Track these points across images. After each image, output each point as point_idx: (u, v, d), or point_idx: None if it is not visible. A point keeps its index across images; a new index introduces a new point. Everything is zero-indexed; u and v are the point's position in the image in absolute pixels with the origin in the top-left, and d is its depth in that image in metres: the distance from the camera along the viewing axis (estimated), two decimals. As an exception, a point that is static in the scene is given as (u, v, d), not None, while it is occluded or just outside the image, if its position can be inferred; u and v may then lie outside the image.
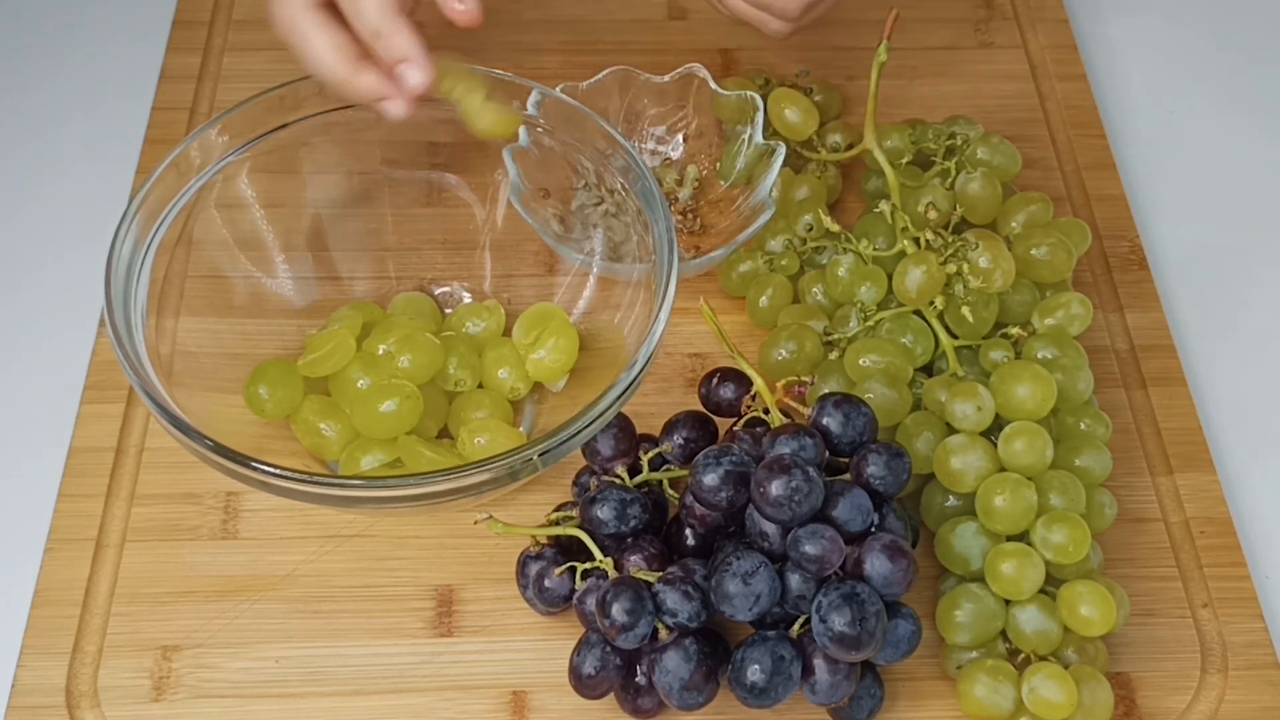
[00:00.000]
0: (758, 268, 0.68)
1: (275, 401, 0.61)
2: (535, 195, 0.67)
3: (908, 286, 0.61)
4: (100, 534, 0.61)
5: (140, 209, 0.58)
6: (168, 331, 0.59)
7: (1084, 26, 0.85)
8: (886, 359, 0.61)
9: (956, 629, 0.56)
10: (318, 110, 0.63)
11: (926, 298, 0.62)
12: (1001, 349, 0.61)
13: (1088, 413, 0.60)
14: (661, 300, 0.56)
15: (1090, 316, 0.63)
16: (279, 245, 0.65)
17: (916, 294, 0.61)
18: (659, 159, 0.74)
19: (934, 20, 0.83)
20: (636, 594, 0.53)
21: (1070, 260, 0.64)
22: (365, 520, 0.62)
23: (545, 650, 0.58)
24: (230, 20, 0.81)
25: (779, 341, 0.64)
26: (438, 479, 0.52)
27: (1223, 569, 0.62)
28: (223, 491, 0.62)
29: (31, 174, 0.76)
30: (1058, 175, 0.76)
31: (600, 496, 0.56)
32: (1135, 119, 0.81)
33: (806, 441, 0.55)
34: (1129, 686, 0.58)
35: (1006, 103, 0.79)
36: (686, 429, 0.60)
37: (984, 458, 0.57)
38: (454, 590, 0.60)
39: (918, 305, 0.62)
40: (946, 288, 0.62)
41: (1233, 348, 0.71)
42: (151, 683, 0.57)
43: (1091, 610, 0.54)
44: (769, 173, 0.69)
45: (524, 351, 0.64)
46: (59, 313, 0.69)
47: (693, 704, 0.54)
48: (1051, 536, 0.56)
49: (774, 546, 0.54)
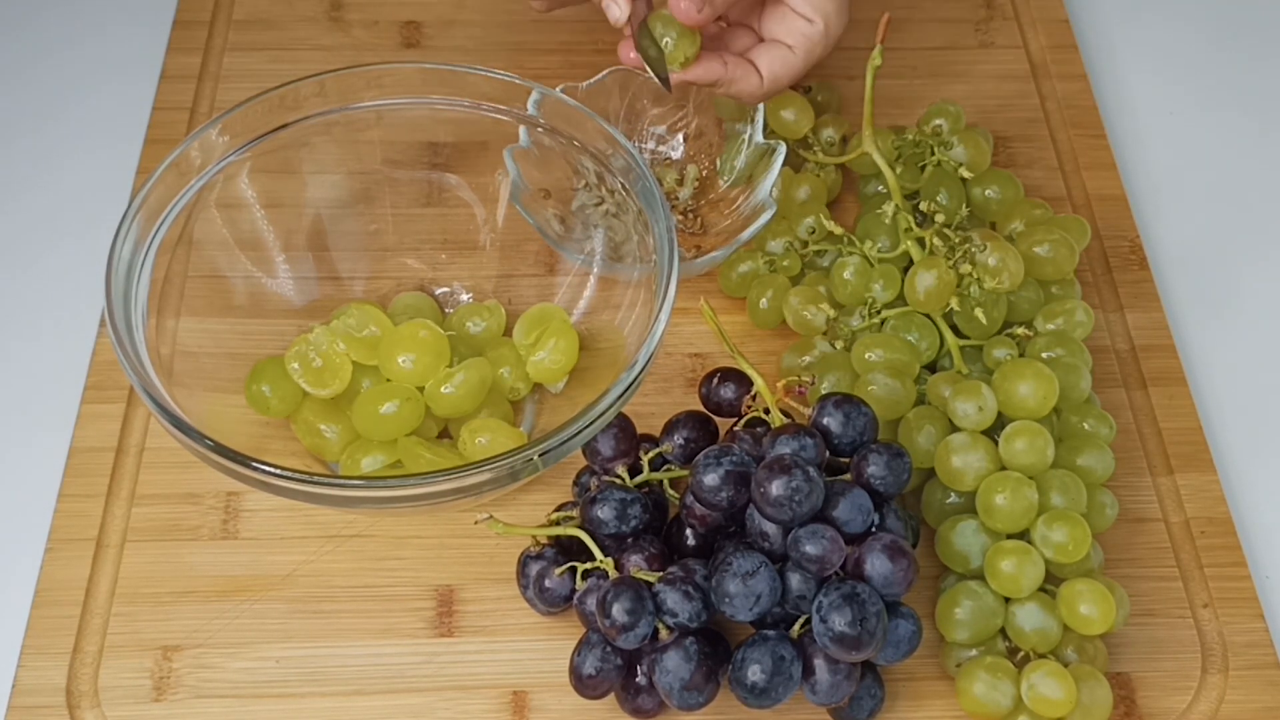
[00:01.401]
0: (758, 268, 0.68)
1: (279, 398, 0.61)
2: (536, 196, 0.67)
3: (918, 292, 0.61)
4: (100, 534, 0.61)
5: (140, 209, 0.58)
6: (168, 331, 0.59)
7: (1084, 26, 0.85)
8: (892, 354, 0.61)
9: (956, 626, 0.56)
10: (318, 110, 0.63)
11: (938, 303, 0.62)
12: (1005, 347, 0.61)
13: (1091, 412, 0.60)
14: (661, 300, 0.56)
15: (1092, 324, 0.63)
16: (279, 245, 0.65)
17: (925, 298, 0.61)
18: (659, 159, 0.74)
19: (934, 20, 0.83)
20: (637, 594, 0.53)
21: (1073, 257, 0.64)
22: (365, 520, 0.62)
23: (545, 650, 0.58)
24: (230, 20, 0.81)
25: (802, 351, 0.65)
26: (438, 479, 0.52)
27: (1223, 569, 0.62)
28: (223, 491, 0.62)
29: (32, 174, 0.76)
30: (1058, 175, 0.76)
31: (601, 496, 0.56)
32: (1135, 119, 0.81)
33: (807, 441, 0.55)
34: (1129, 686, 0.58)
35: (1006, 103, 0.79)
36: (687, 429, 0.60)
37: (984, 457, 0.57)
38: (454, 590, 0.60)
39: (928, 310, 0.62)
40: (958, 288, 0.62)
41: (1233, 348, 0.71)
42: (152, 683, 0.57)
43: (1091, 609, 0.54)
44: (769, 172, 0.69)
45: (524, 353, 0.64)
46: (59, 313, 0.69)
47: (693, 704, 0.54)
48: (1052, 535, 0.56)
49: (774, 546, 0.54)
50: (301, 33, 0.81)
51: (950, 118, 0.70)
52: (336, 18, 0.81)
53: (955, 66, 0.81)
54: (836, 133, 0.72)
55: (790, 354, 0.65)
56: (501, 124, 0.64)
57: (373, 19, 0.82)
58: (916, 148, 0.69)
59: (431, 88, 0.63)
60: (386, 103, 0.64)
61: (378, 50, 0.80)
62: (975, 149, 0.69)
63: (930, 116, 0.70)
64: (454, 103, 0.64)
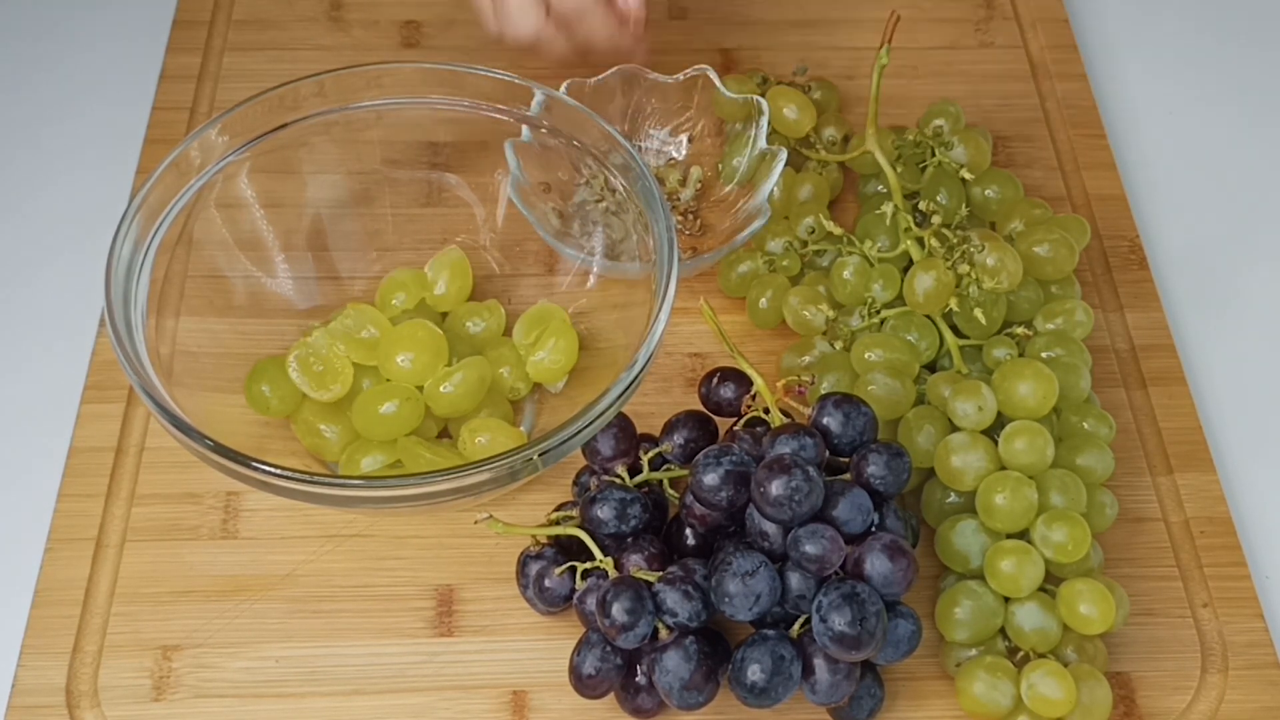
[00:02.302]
0: (757, 268, 0.68)
1: (279, 399, 0.61)
2: (535, 190, 0.67)
3: (917, 294, 0.61)
4: (100, 534, 0.61)
5: (140, 209, 0.58)
6: (168, 331, 0.59)
7: (1084, 26, 0.85)
8: (892, 354, 0.61)
9: (956, 626, 0.56)
10: (317, 110, 0.63)
11: (937, 304, 0.62)
12: (1005, 347, 0.61)
13: (1091, 412, 0.60)
14: (661, 300, 0.56)
15: (1091, 324, 0.63)
16: (279, 245, 0.65)
17: (925, 299, 0.61)
18: (663, 159, 0.74)
19: (934, 20, 0.83)
20: (636, 594, 0.53)
21: (1072, 256, 0.64)
22: (365, 520, 0.62)
23: (545, 650, 0.58)
24: (230, 20, 0.81)
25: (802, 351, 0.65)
26: (438, 479, 0.52)
27: (1223, 569, 0.62)
28: (223, 491, 0.62)
29: (31, 174, 0.76)
30: (1058, 175, 0.76)
31: (600, 496, 0.56)
32: (1135, 119, 0.81)
33: (806, 441, 0.55)
34: (1129, 686, 0.58)
35: (1006, 103, 0.79)
36: (686, 429, 0.60)
37: (984, 457, 0.57)
38: (454, 590, 0.60)
39: (927, 311, 0.62)
40: (957, 289, 0.62)
41: (1233, 348, 0.71)
42: (151, 683, 0.57)
43: (1091, 608, 0.54)
44: (770, 176, 0.69)
45: (524, 353, 0.64)
46: (59, 313, 0.69)
47: (693, 704, 0.54)
48: (1052, 535, 0.56)
49: (774, 546, 0.54)
50: (301, 33, 0.81)
51: (950, 118, 0.70)
52: (336, 18, 0.81)
53: (955, 66, 0.81)
54: (838, 132, 0.72)
55: (790, 354, 0.65)
56: (501, 124, 0.64)
57: (373, 19, 0.82)
58: (917, 148, 0.70)
59: (431, 88, 0.63)
60: (386, 102, 0.64)
61: (377, 50, 0.80)
62: (975, 149, 0.69)
63: (930, 117, 0.70)
64: (454, 102, 0.64)
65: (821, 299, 0.65)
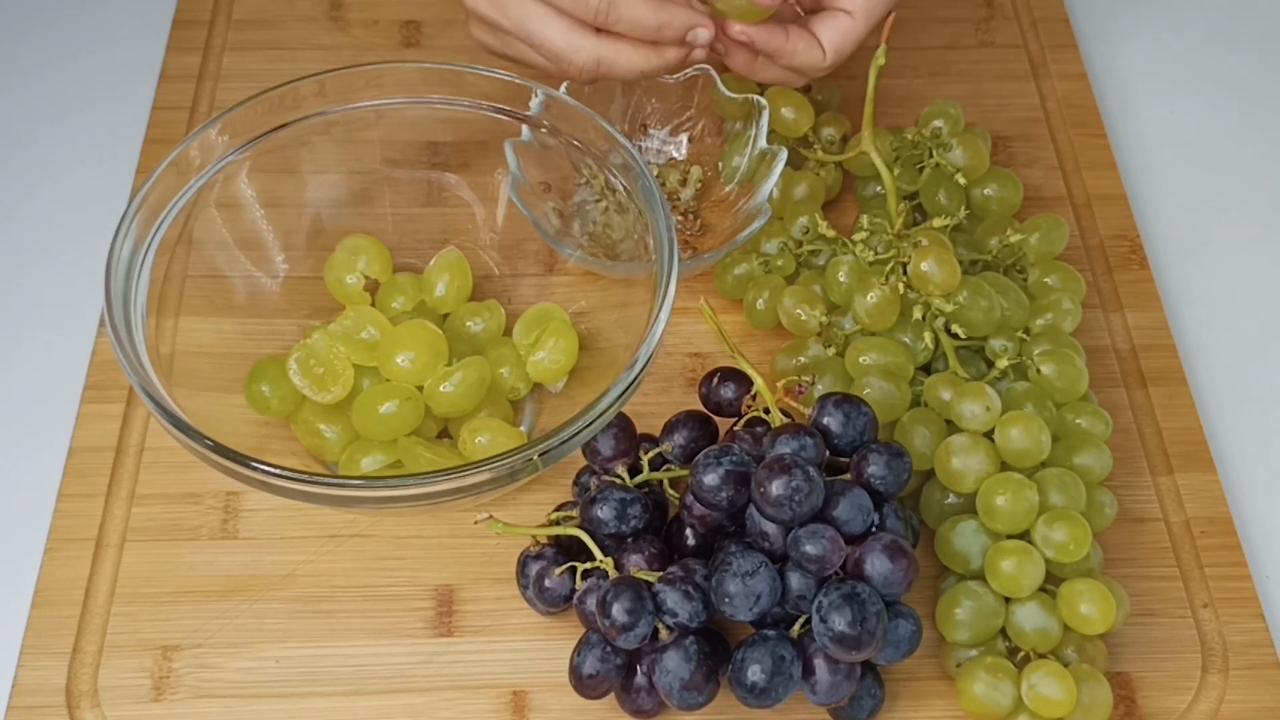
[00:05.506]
0: (753, 269, 0.68)
1: (279, 398, 0.61)
2: (536, 190, 0.67)
3: (862, 315, 0.61)
4: (100, 534, 0.61)
5: (140, 209, 0.58)
6: (168, 331, 0.59)
7: (1084, 26, 0.85)
8: (887, 357, 0.61)
9: (956, 627, 0.56)
10: (317, 110, 0.63)
11: (885, 321, 0.61)
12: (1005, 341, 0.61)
13: (1086, 410, 0.60)
14: (661, 300, 0.56)
15: (1080, 312, 0.63)
16: (279, 245, 0.65)
17: (870, 319, 0.61)
18: (663, 159, 0.74)
19: (934, 20, 0.83)
20: (636, 594, 0.53)
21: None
22: (365, 520, 0.62)
23: (545, 650, 0.58)
24: (230, 20, 0.81)
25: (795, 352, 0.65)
26: (438, 479, 0.52)
27: (1223, 569, 0.62)
28: (223, 491, 0.62)
29: (31, 174, 0.76)
30: (1058, 174, 0.76)
31: (600, 496, 0.56)
32: (1135, 119, 0.81)
33: (807, 441, 0.55)
34: (1129, 686, 0.58)
35: (1006, 103, 0.79)
36: (687, 429, 0.60)
37: (985, 459, 0.57)
38: (454, 590, 0.60)
39: (880, 329, 0.62)
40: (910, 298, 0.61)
41: (1233, 348, 0.71)
42: (151, 683, 0.57)
43: (1091, 608, 0.54)
44: (770, 177, 0.69)
45: (524, 353, 0.64)
46: (59, 313, 0.69)
47: (693, 704, 0.54)
48: (1052, 535, 0.56)
49: (774, 546, 0.54)
50: (301, 32, 0.81)
51: (949, 119, 0.70)
52: (336, 17, 0.81)
53: (955, 66, 0.81)
54: (837, 132, 0.72)
55: (783, 355, 0.65)
56: (501, 124, 0.64)
57: (372, 19, 0.82)
58: (915, 149, 0.69)
59: (431, 87, 0.63)
60: (386, 102, 0.64)
61: (377, 50, 0.80)
62: (974, 151, 0.68)
63: (929, 117, 0.70)
64: (454, 102, 0.64)
65: (816, 299, 0.65)
